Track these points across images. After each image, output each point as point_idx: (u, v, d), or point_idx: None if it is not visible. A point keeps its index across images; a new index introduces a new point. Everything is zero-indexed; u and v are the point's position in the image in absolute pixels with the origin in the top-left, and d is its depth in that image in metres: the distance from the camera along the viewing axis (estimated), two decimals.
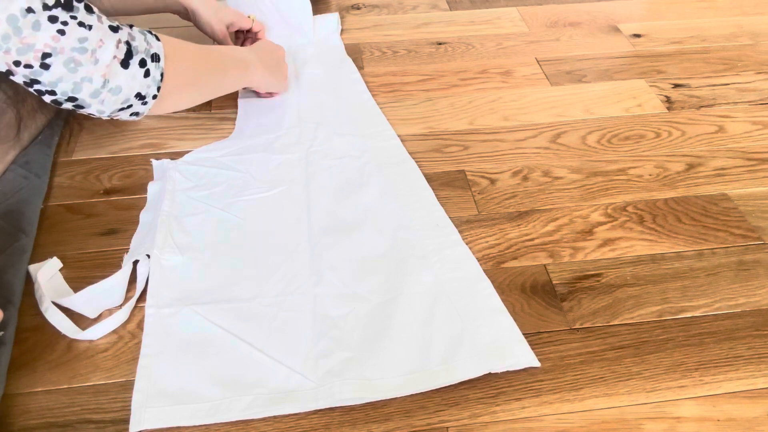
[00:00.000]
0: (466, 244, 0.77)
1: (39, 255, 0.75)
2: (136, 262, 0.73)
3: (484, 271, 0.74)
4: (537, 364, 0.64)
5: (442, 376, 0.63)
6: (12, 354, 0.65)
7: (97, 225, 0.80)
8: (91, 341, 0.67)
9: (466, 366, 0.64)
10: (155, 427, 0.60)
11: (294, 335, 0.67)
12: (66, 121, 0.96)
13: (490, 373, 0.63)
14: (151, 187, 0.84)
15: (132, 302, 0.70)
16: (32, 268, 0.73)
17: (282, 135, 0.93)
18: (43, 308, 0.69)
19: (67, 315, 0.68)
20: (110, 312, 0.69)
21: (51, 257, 0.74)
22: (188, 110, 0.98)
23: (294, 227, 0.79)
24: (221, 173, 0.86)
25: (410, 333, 0.67)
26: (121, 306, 0.70)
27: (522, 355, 0.65)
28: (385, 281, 0.72)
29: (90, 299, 0.69)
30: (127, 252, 0.76)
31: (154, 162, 0.88)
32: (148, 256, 0.74)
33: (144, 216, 0.81)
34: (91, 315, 0.69)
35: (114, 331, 0.68)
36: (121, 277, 0.71)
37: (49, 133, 0.91)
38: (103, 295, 0.70)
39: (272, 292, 0.71)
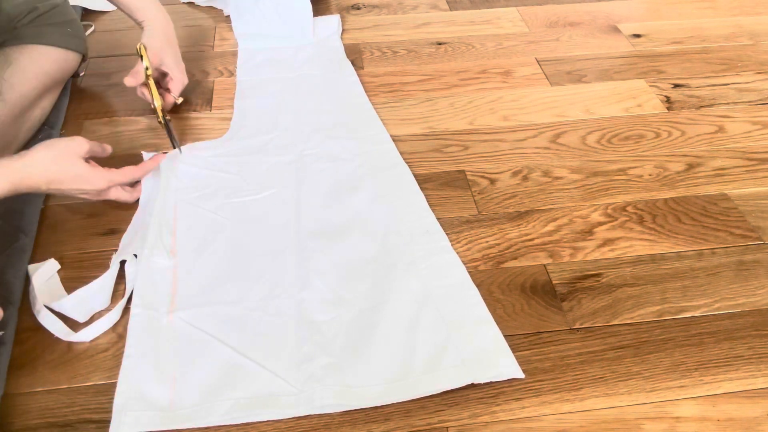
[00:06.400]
0: (466, 244, 0.77)
1: (39, 255, 0.75)
2: (123, 262, 0.74)
3: (484, 271, 0.74)
4: (521, 375, 0.63)
5: (424, 386, 0.62)
6: (12, 354, 0.66)
7: (97, 225, 0.80)
8: (91, 341, 0.67)
9: (449, 376, 0.63)
10: (136, 431, 0.59)
11: (277, 340, 0.67)
12: (65, 122, 0.96)
13: None
14: (144, 183, 0.83)
15: (123, 302, 0.70)
16: (31, 268, 0.73)
17: (276, 136, 0.93)
18: (35, 311, 0.69)
19: (61, 317, 0.68)
20: (101, 313, 0.69)
21: (51, 257, 0.74)
22: (188, 110, 0.98)
23: (282, 231, 0.78)
24: (214, 175, 0.86)
25: (394, 340, 0.66)
26: (112, 307, 0.70)
27: (506, 367, 0.64)
28: (372, 287, 0.71)
29: (78, 303, 0.69)
30: (116, 251, 0.76)
31: (144, 155, 0.88)
32: (135, 255, 0.74)
33: (135, 215, 0.80)
34: (81, 319, 0.69)
35: (114, 332, 0.68)
36: (108, 279, 0.71)
37: (48, 133, 0.91)
38: (91, 298, 0.70)
39: (257, 295, 0.71)
